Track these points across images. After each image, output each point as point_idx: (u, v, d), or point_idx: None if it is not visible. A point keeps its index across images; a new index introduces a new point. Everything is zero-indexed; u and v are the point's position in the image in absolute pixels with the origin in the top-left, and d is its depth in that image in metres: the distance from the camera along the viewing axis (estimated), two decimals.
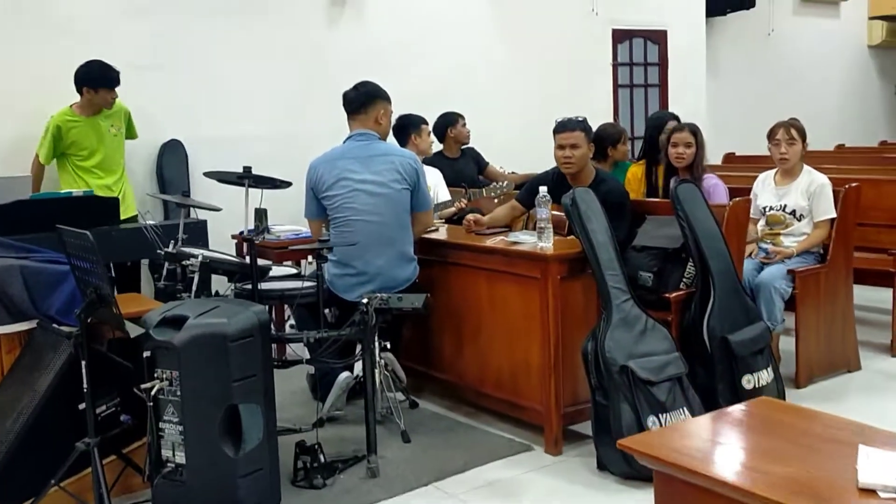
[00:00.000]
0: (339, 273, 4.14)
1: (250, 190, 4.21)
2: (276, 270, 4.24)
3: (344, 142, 4.31)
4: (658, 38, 9.05)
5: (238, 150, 6.24)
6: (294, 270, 4.21)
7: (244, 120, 6.39)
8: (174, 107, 6.11)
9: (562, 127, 4.45)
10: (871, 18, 11.85)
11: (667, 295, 4.06)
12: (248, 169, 4.06)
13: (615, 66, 8.78)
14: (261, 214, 5.63)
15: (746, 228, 4.36)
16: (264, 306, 3.32)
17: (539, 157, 7.46)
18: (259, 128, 6.45)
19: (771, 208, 4.80)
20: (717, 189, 4.68)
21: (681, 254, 4.19)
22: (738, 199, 4.26)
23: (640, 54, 9.03)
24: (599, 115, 8.17)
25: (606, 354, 3.56)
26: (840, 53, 11.62)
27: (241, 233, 5.67)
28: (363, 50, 6.98)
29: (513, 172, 7.16)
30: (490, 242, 4.08)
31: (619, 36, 8.75)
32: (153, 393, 3.02)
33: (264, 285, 3.87)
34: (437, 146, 6.25)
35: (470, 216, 4.64)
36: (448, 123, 6.32)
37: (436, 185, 5.57)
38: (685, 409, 3.59)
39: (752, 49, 10.58)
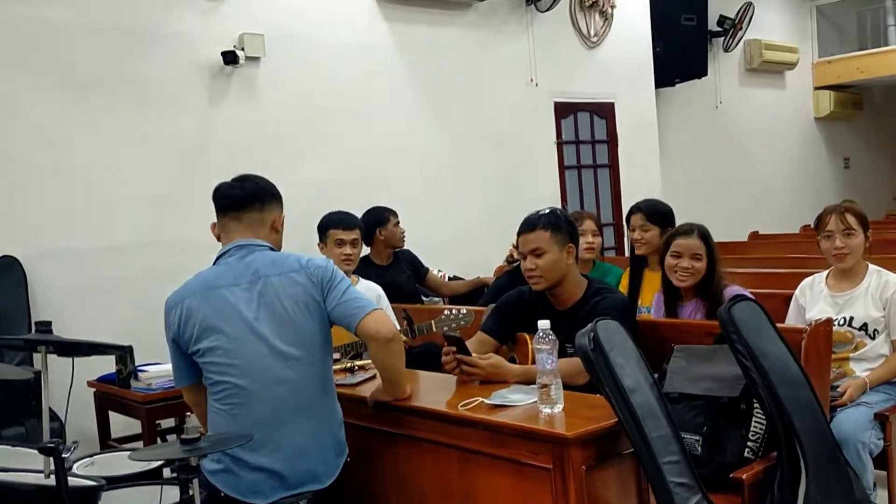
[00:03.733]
0: (235, 465, 2.58)
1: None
2: (117, 461, 2.66)
3: (215, 262, 2.78)
4: (605, 111, 7.92)
5: (96, 266, 4.82)
6: (156, 460, 2.53)
7: (104, 226, 4.93)
8: (7, 213, 4.60)
9: (519, 230, 3.21)
10: (817, 88, 11.09)
11: (737, 474, 2.68)
12: (44, 326, 2.54)
13: (560, 144, 7.59)
14: (124, 355, 4.14)
15: (829, 363, 3.03)
16: None
17: (482, 255, 6.21)
18: (125, 235, 4.99)
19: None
20: None
21: (739, 404, 2.85)
22: (817, 320, 2.93)
23: (587, 130, 7.87)
24: (546, 201, 6.99)
25: None
26: (787, 126, 10.77)
27: (105, 378, 4.21)
28: (256, 133, 5.60)
29: (455, 277, 5.81)
30: (465, 409, 2.61)
31: (562, 109, 7.58)
32: None
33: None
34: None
35: (450, 357, 3.04)
36: (377, 223, 4.94)
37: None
38: None
39: (701, 122, 9.60)
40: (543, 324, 2.59)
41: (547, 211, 3.21)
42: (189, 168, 5.29)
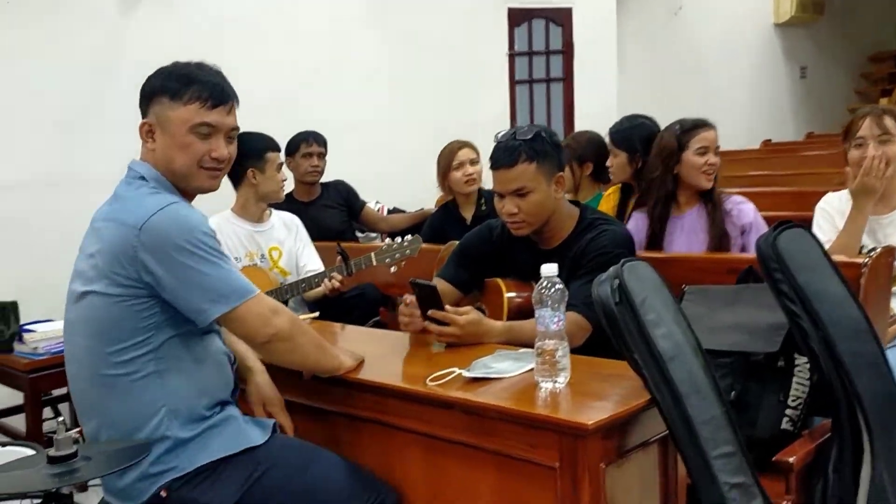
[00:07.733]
0: None
1: None
2: None
3: None
4: (562, 17, 7.19)
5: None
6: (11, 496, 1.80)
7: None
8: None
9: (493, 162, 2.45)
10: None
11: (783, 456, 2.09)
12: None
13: (512, 56, 6.87)
14: (6, 312, 3.42)
15: (888, 305, 2.45)
16: None
17: (424, 184, 5.48)
18: (16, 169, 4.21)
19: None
20: (752, 219, 2.93)
21: (777, 361, 2.26)
22: (879, 248, 2.32)
23: (541, 41, 7.15)
24: (493, 120, 6.28)
25: None
26: (746, 33, 10.13)
27: None
28: (173, 47, 4.75)
29: (395, 210, 5.09)
30: (436, 385, 1.96)
31: (517, 17, 6.85)
32: None
33: None
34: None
35: (406, 306, 2.37)
36: (286, 153, 4.19)
37: (296, 243, 3.47)
38: None
39: (660, 32, 8.92)
40: (549, 269, 1.90)
41: (529, 134, 2.41)
42: (98, 90, 4.51)
